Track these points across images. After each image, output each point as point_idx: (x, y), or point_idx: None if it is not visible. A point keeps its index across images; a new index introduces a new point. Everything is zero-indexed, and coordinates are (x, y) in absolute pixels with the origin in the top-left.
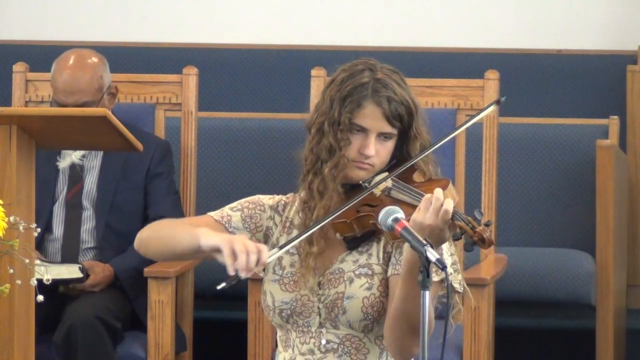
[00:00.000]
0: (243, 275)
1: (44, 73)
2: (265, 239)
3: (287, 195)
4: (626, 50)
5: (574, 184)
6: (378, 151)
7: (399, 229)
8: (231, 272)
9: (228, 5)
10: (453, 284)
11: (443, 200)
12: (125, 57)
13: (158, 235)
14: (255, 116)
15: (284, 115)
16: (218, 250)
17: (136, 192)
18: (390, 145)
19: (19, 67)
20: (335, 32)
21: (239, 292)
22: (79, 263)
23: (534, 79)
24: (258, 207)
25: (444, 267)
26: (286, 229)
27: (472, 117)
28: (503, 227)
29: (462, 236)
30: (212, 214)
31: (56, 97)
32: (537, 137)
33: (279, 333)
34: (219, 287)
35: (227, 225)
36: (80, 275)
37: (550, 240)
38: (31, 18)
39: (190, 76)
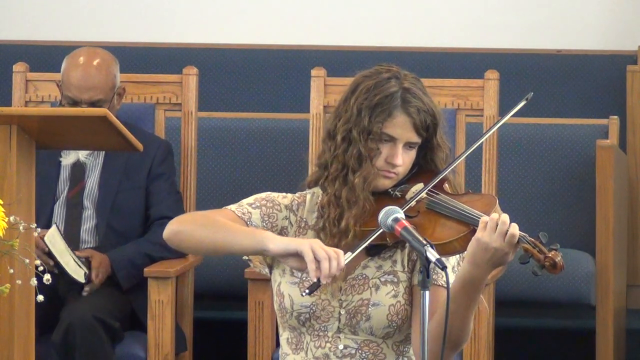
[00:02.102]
0: (324, 282)
1: (44, 73)
2: None
3: (298, 195)
4: (626, 50)
5: (574, 184)
6: (403, 159)
7: (399, 229)
8: (314, 279)
9: (228, 5)
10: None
11: (509, 224)
12: (126, 57)
13: (205, 230)
14: (255, 116)
15: (284, 115)
16: (295, 255)
17: (138, 192)
18: (413, 153)
19: (19, 67)
20: (335, 32)
21: (239, 292)
22: (86, 266)
23: (534, 79)
24: (275, 206)
25: (443, 267)
26: (301, 229)
27: (502, 117)
28: None
29: (530, 259)
30: (232, 207)
31: (69, 92)
32: (537, 137)
33: (286, 335)
34: (304, 293)
35: (248, 221)
36: (83, 281)
37: (550, 240)
38: (31, 18)
39: (190, 76)
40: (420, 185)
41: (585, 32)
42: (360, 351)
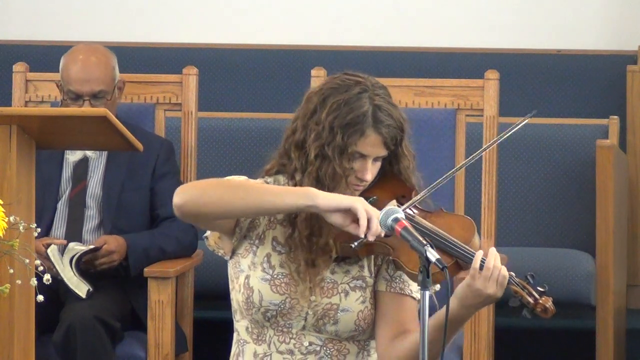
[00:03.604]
0: (371, 238)
1: (44, 73)
2: (249, 230)
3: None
4: (626, 50)
5: (574, 184)
6: (372, 173)
7: (399, 229)
8: (361, 235)
9: (228, 5)
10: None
11: (500, 268)
12: (125, 57)
13: (234, 192)
14: (255, 116)
15: (284, 115)
16: (344, 211)
17: (142, 192)
18: (379, 164)
19: (19, 67)
20: (335, 32)
21: None
22: (90, 282)
23: (534, 79)
24: None
25: (443, 267)
26: (271, 224)
27: (504, 133)
28: (503, 227)
29: (520, 302)
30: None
31: (70, 87)
32: (537, 137)
33: (245, 323)
34: (353, 245)
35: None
36: (84, 297)
37: (550, 240)
38: (31, 18)
39: (190, 76)
40: (394, 202)
41: (585, 32)
42: (324, 348)
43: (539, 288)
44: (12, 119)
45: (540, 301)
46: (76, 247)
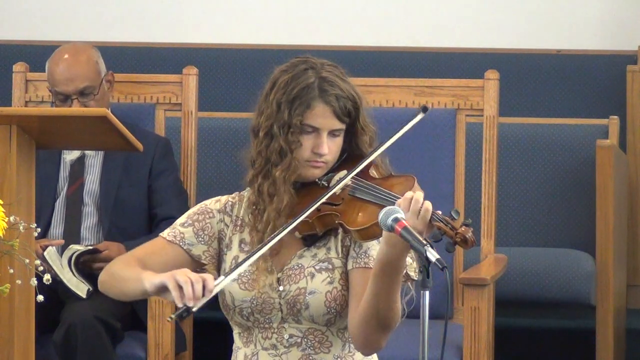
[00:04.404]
0: (191, 304)
1: (44, 73)
2: (219, 243)
3: (233, 195)
4: (626, 50)
5: (574, 184)
6: (330, 148)
7: (399, 229)
8: (179, 304)
9: (228, 5)
10: (409, 271)
11: (422, 202)
12: (125, 57)
13: (112, 280)
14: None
15: None
16: (164, 287)
17: (139, 189)
18: (339, 140)
19: (19, 67)
20: (335, 32)
21: None
22: (90, 282)
23: (534, 79)
24: (207, 216)
25: (443, 267)
26: (238, 227)
27: (404, 126)
28: (503, 227)
29: (442, 237)
30: (164, 234)
31: (57, 88)
32: (537, 137)
33: (237, 330)
34: (168, 319)
35: (181, 243)
36: (84, 297)
37: (550, 240)
38: (31, 18)
39: (190, 76)
40: (343, 173)
41: (585, 32)
42: (305, 339)
43: (464, 222)
44: (12, 119)
45: (459, 231)
46: (74, 247)
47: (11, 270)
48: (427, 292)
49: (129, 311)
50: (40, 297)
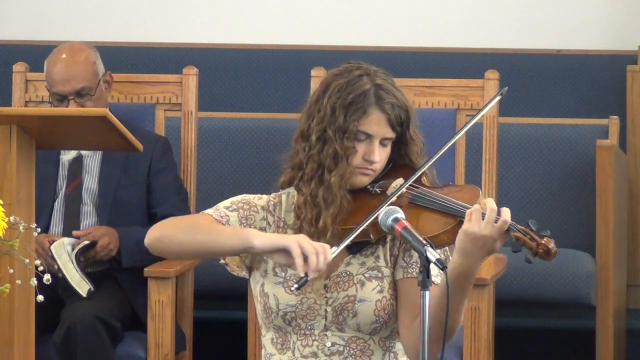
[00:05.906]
0: (312, 276)
1: (43, 73)
2: None
3: (273, 195)
4: (626, 50)
5: (574, 184)
6: (380, 156)
7: (399, 229)
8: (301, 273)
9: (228, 5)
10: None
11: (498, 210)
12: (125, 57)
13: (187, 233)
14: (255, 116)
15: (284, 115)
16: (283, 250)
17: (138, 188)
18: (389, 149)
19: (19, 67)
20: (335, 32)
21: (239, 292)
22: (91, 282)
23: (534, 79)
24: (252, 208)
25: (443, 267)
26: (280, 229)
27: (478, 112)
28: None
29: (522, 248)
30: (209, 212)
31: (54, 89)
32: (537, 137)
33: (270, 335)
34: (293, 288)
35: (226, 224)
36: (84, 295)
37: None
38: (31, 18)
39: (190, 76)
40: (400, 180)
41: (585, 32)
42: (348, 348)
43: (541, 233)
44: (12, 118)
45: (542, 242)
46: (65, 240)
47: (11, 270)
48: (427, 292)
49: (129, 311)
50: (40, 297)
